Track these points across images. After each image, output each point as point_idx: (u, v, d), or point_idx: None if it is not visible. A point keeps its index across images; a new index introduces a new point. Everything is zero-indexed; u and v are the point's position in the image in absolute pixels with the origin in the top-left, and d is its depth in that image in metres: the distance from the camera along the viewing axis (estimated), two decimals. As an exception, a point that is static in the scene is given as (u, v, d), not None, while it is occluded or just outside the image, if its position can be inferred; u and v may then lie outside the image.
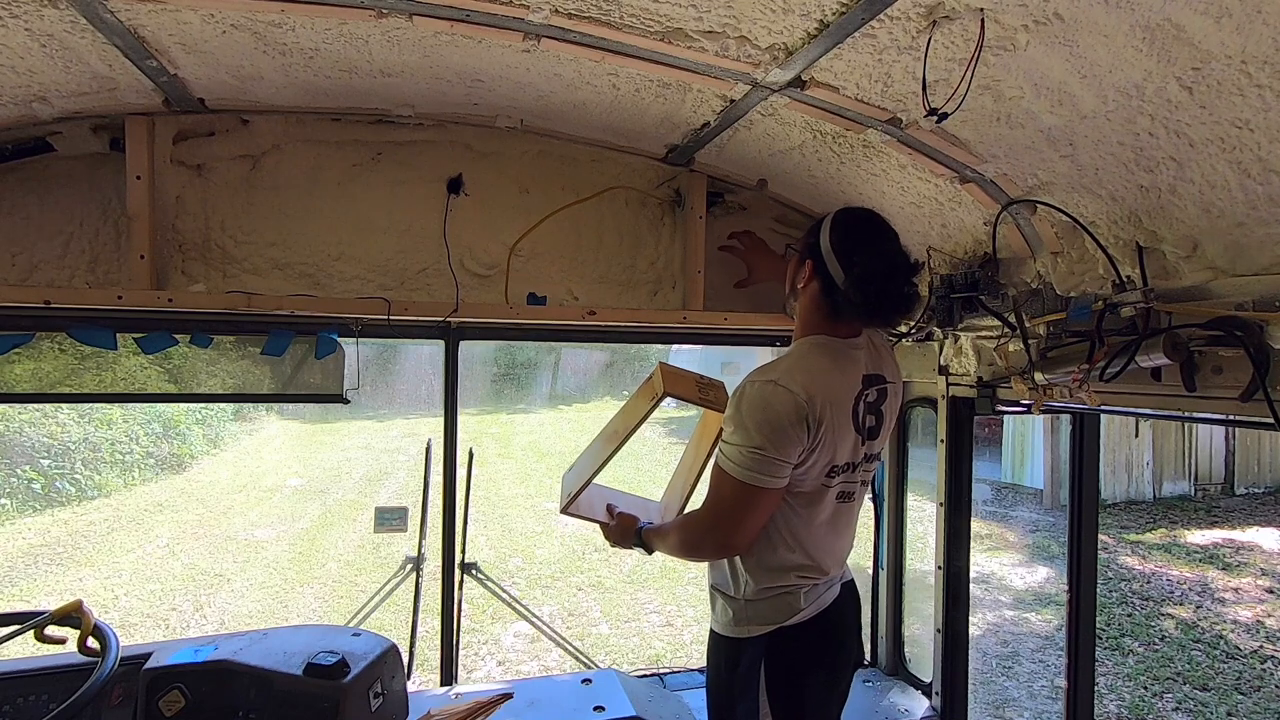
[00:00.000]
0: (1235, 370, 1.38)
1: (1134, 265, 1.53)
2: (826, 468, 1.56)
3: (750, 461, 1.47)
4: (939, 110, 1.40)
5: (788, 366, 1.55)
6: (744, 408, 1.50)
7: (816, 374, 1.54)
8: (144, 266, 1.92)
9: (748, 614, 1.65)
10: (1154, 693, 5.15)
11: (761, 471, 1.48)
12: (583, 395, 22.38)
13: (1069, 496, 2.30)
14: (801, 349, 1.62)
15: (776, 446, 1.47)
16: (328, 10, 1.44)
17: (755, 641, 1.64)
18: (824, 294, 1.60)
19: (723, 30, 1.40)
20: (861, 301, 1.52)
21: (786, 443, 1.48)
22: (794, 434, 1.48)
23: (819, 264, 1.59)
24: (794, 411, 1.47)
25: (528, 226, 2.28)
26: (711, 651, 1.76)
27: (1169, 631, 6.14)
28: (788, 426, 1.47)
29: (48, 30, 1.45)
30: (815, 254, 1.61)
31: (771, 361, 1.62)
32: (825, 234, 1.59)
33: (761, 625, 1.64)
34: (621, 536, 1.86)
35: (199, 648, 1.85)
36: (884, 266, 1.52)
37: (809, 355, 1.60)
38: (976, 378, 2.14)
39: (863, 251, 1.54)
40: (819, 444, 1.51)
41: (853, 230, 1.59)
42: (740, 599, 1.65)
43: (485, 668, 5.51)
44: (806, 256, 1.64)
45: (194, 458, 12.22)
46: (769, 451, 1.47)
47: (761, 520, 1.55)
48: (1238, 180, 1.26)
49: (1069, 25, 1.18)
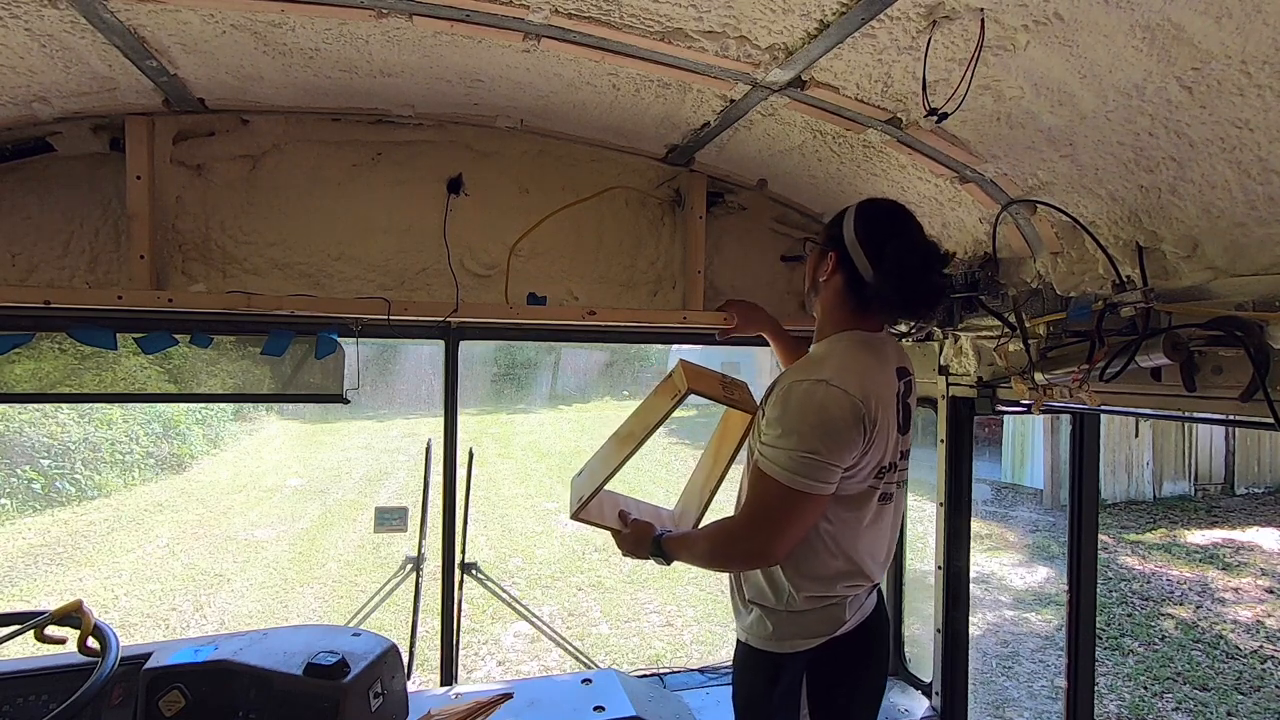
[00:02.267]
0: (1235, 370, 1.38)
1: (1134, 265, 1.53)
2: (875, 470, 1.50)
3: (801, 466, 1.39)
4: (939, 110, 1.40)
5: (837, 365, 1.47)
6: (794, 409, 1.42)
7: (865, 372, 1.47)
8: (144, 266, 1.92)
9: (792, 627, 1.56)
10: (1154, 693, 5.15)
11: (812, 477, 1.39)
12: (583, 395, 22.38)
13: (1069, 496, 2.30)
14: (842, 345, 1.54)
15: (831, 451, 1.39)
16: (328, 10, 1.44)
17: (798, 656, 1.56)
18: (849, 288, 1.55)
19: (723, 30, 1.40)
20: (895, 295, 1.48)
21: (842, 447, 1.40)
22: (850, 437, 1.40)
23: (843, 256, 1.54)
24: (850, 413, 1.39)
25: (528, 226, 2.28)
26: (745, 667, 1.65)
27: (1169, 631, 6.14)
28: (844, 429, 1.39)
29: (48, 30, 1.45)
30: (838, 246, 1.55)
31: (813, 359, 1.55)
32: (849, 226, 1.54)
33: (807, 639, 1.56)
34: (636, 545, 1.73)
35: (199, 648, 1.85)
36: (917, 258, 1.47)
37: (853, 352, 1.52)
38: (976, 378, 2.14)
39: (893, 243, 1.49)
40: (872, 445, 1.45)
41: (879, 221, 1.54)
42: (783, 611, 1.56)
43: (485, 668, 5.50)
44: (829, 249, 1.58)
45: (194, 458, 12.22)
46: (823, 456, 1.39)
47: (805, 529, 1.46)
48: (1238, 180, 1.26)
49: (1069, 25, 1.18)
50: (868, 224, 1.53)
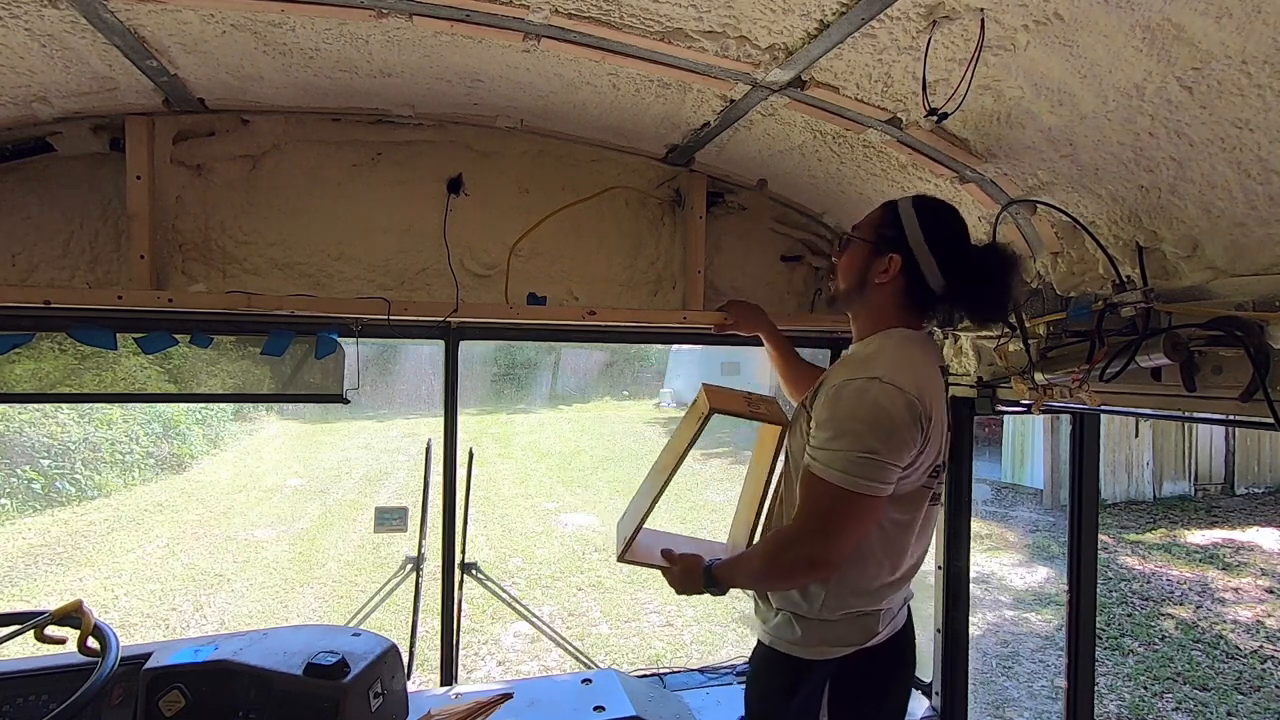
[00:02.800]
0: (1235, 370, 1.38)
1: (1134, 265, 1.53)
2: (930, 469, 1.46)
3: (857, 466, 1.32)
4: (939, 110, 1.40)
5: (888, 362, 1.41)
6: (846, 407, 1.36)
7: (917, 368, 1.42)
8: (144, 266, 1.92)
9: (822, 634, 1.51)
10: (1154, 693, 5.15)
11: (870, 477, 1.33)
12: (583, 395, 22.40)
13: (1069, 496, 2.30)
14: (891, 342, 1.48)
15: (890, 450, 1.34)
16: (328, 10, 1.44)
17: (824, 665, 1.51)
18: (910, 291, 1.50)
19: (723, 30, 1.40)
20: (973, 302, 1.47)
21: (900, 445, 1.35)
22: (908, 435, 1.35)
23: (908, 260, 1.48)
24: (907, 410, 1.35)
25: (528, 226, 2.28)
26: (764, 670, 1.60)
27: (1169, 631, 6.14)
28: (901, 427, 1.34)
29: (48, 30, 1.45)
30: (900, 248, 1.48)
31: (861, 357, 1.49)
32: (913, 227, 1.48)
33: (835, 647, 1.51)
34: (686, 580, 1.61)
35: (199, 648, 1.85)
36: (1000, 263, 1.46)
37: (903, 349, 1.46)
38: (976, 378, 2.14)
39: (968, 248, 1.49)
40: (929, 443, 1.41)
41: (948, 224, 1.50)
42: (815, 619, 1.50)
43: (485, 668, 5.50)
44: (886, 250, 1.50)
45: (194, 458, 12.23)
46: (881, 455, 1.33)
47: (864, 534, 1.40)
48: (1238, 180, 1.26)
49: (1069, 25, 1.18)
50: (936, 226, 1.49)
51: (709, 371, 21.01)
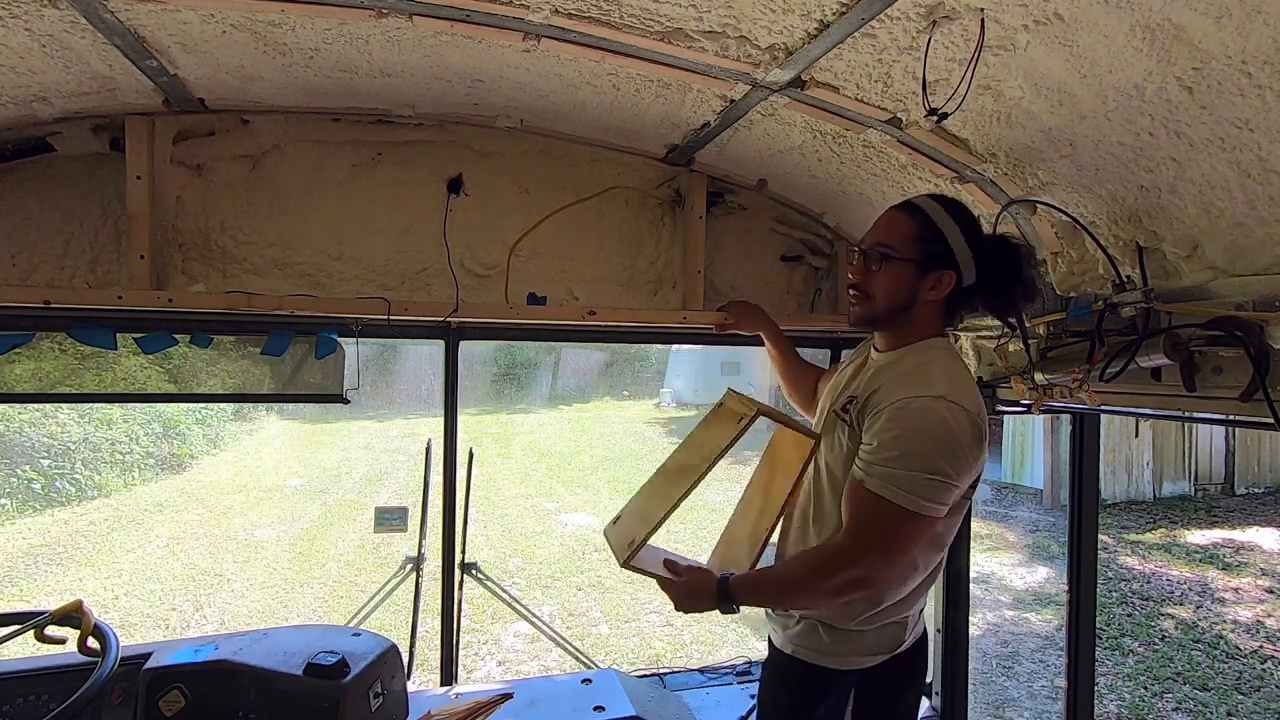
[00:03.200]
0: (1235, 370, 1.38)
1: (1134, 265, 1.53)
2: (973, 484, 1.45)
3: (922, 488, 1.29)
4: (939, 110, 1.40)
5: (946, 379, 1.38)
6: (911, 426, 1.33)
7: (970, 384, 1.41)
8: (144, 266, 1.92)
9: (853, 644, 1.49)
10: (1154, 693, 5.15)
11: (934, 499, 1.30)
12: (583, 395, 22.39)
13: (1069, 496, 2.30)
14: (940, 355, 1.46)
15: (958, 472, 1.32)
16: (328, 10, 1.44)
17: (850, 674, 1.50)
18: (952, 298, 1.48)
19: (723, 30, 1.40)
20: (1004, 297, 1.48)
21: (967, 468, 1.34)
22: (974, 455, 1.35)
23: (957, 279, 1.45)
24: (972, 431, 1.33)
25: (528, 226, 2.28)
26: (785, 681, 1.57)
27: (1169, 631, 6.14)
28: (968, 447, 1.33)
29: (48, 30, 1.45)
30: (950, 262, 1.44)
31: (915, 373, 1.43)
32: (955, 235, 1.44)
33: (864, 656, 1.49)
34: (695, 595, 1.48)
35: (199, 648, 1.85)
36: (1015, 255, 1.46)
37: (953, 363, 1.45)
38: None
39: (995, 244, 1.48)
40: (982, 466, 1.40)
41: (974, 223, 1.48)
42: (846, 629, 1.48)
43: (485, 668, 5.50)
44: (939, 266, 1.45)
45: (194, 458, 12.23)
46: (948, 477, 1.31)
47: (914, 555, 1.39)
48: (1238, 180, 1.26)
49: (1069, 25, 1.18)
50: (970, 230, 1.46)
51: (709, 371, 20.99)
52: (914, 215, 1.48)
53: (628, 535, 1.58)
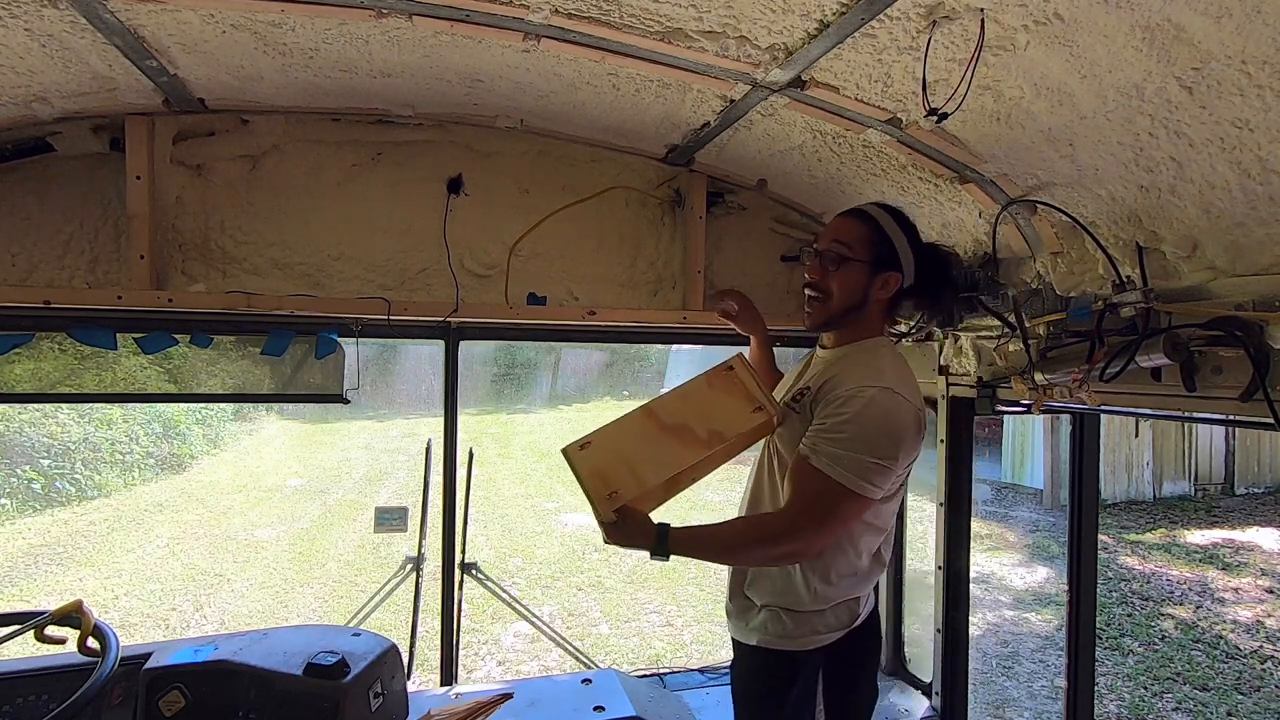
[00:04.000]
0: (1235, 370, 1.38)
1: (1134, 265, 1.53)
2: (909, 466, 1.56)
3: (867, 470, 1.40)
4: (939, 110, 1.40)
5: (894, 374, 1.50)
6: (864, 413, 1.42)
7: (913, 380, 1.55)
8: (144, 266, 1.92)
9: (812, 623, 1.57)
10: (1154, 693, 5.15)
11: (874, 482, 1.41)
12: (583, 395, 22.38)
13: (1069, 496, 2.30)
14: (889, 351, 1.59)
15: (898, 458, 1.44)
16: (328, 10, 1.44)
17: (815, 654, 1.58)
18: (897, 301, 1.61)
19: (723, 30, 1.40)
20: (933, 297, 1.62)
21: (907, 454, 1.46)
22: (914, 444, 1.47)
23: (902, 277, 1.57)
24: (915, 422, 1.46)
25: (528, 226, 2.28)
26: (755, 672, 1.62)
27: (1169, 631, 6.14)
28: (910, 437, 1.45)
29: (48, 30, 1.45)
30: (895, 264, 1.56)
31: (869, 365, 1.52)
32: (900, 240, 1.56)
33: (825, 634, 1.58)
34: (631, 533, 1.46)
35: (199, 648, 1.85)
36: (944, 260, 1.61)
37: (899, 360, 1.57)
38: (976, 378, 2.14)
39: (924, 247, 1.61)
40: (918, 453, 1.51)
41: (915, 230, 1.61)
42: (804, 611, 1.57)
43: (485, 668, 5.50)
44: (887, 268, 1.56)
45: (194, 458, 12.21)
46: (889, 463, 1.42)
47: (845, 531, 1.49)
48: (1238, 180, 1.26)
49: (1069, 25, 1.18)
50: (913, 235, 1.60)
51: (709, 371, 20.93)
52: (864, 221, 1.60)
53: (609, 482, 1.46)
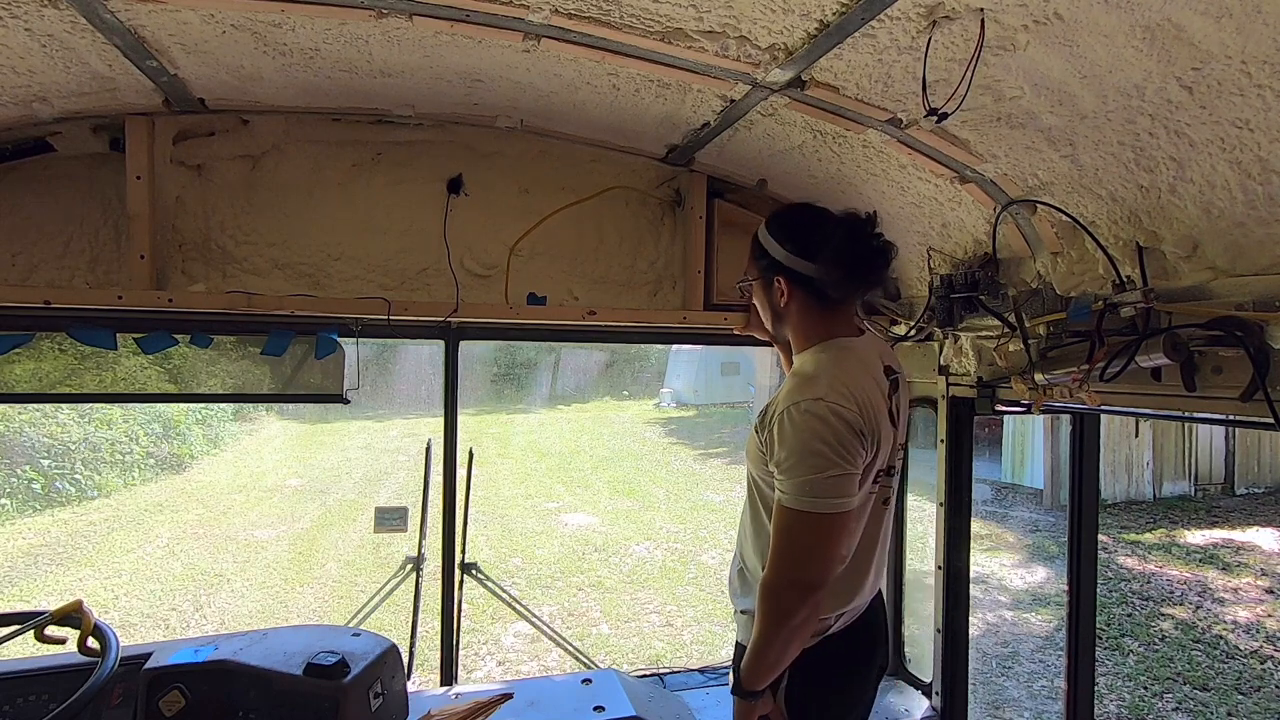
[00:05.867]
0: (1235, 370, 1.38)
1: (1134, 265, 1.53)
2: (874, 476, 1.51)
3: (821, 487, 1.37)
4: (939, 110, 1.40)
5: (829, 380, 1.45)
6: (796, 433, 1.40)
7: (855, 381, 1.47)
8: (144, 266, 1.92)
9: None
10: (1154, 693, 5.15)
11: (835, 494, 1.38)
12: (582, 395, 22.39)
13: (1069, 496, 2.30)
14: (828, 357, 1.53)
15: (850, 459, 1.39)
16: (328, 10, 1.44)
17: None
18: (809, 296, 1.57)
19: (723, 30, 1.40)
20: (845, 275, 1.51)
21: (857, 452, 1.41)
22: (855, 440, 1.40)
23: (790, 274, 1.57)
24: (851, 423, 1.40)
25: (528, 226, 2.28)
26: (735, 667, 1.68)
27: (1168, 632, 6.14)
28: (849, 439, 1.39)
29: (48, 30, 1.45)
30: (777, 269, 1.58)
31: (802, 378, 1.51)
32: (775, 246, 1.59)
33: None
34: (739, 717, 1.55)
35: (199, 648, 1.85)
36: (845, 231, 1.52)
37: (840, 363, 1.51)
38: (976, 378, 2.14)
39: (818, 232, 1.56)
40: (877, 454, 1.46)
41: (795, 224, 1.61)
42: None
43: (485, 668, 5.50)
44: (772, 276, 1.60)
45: (194, 458, 12.22)
46: (845, 467, 1.38)
47: (846, 548, 1.43)
48: (1238, 180, 1.26)
49: (1069, 25, 1.18)
50: (788, 231, 1.59)
51: (709, 372, 20.99)
52: (751, 240, 1.66)
53: None
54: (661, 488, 11.31)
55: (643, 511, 10.09)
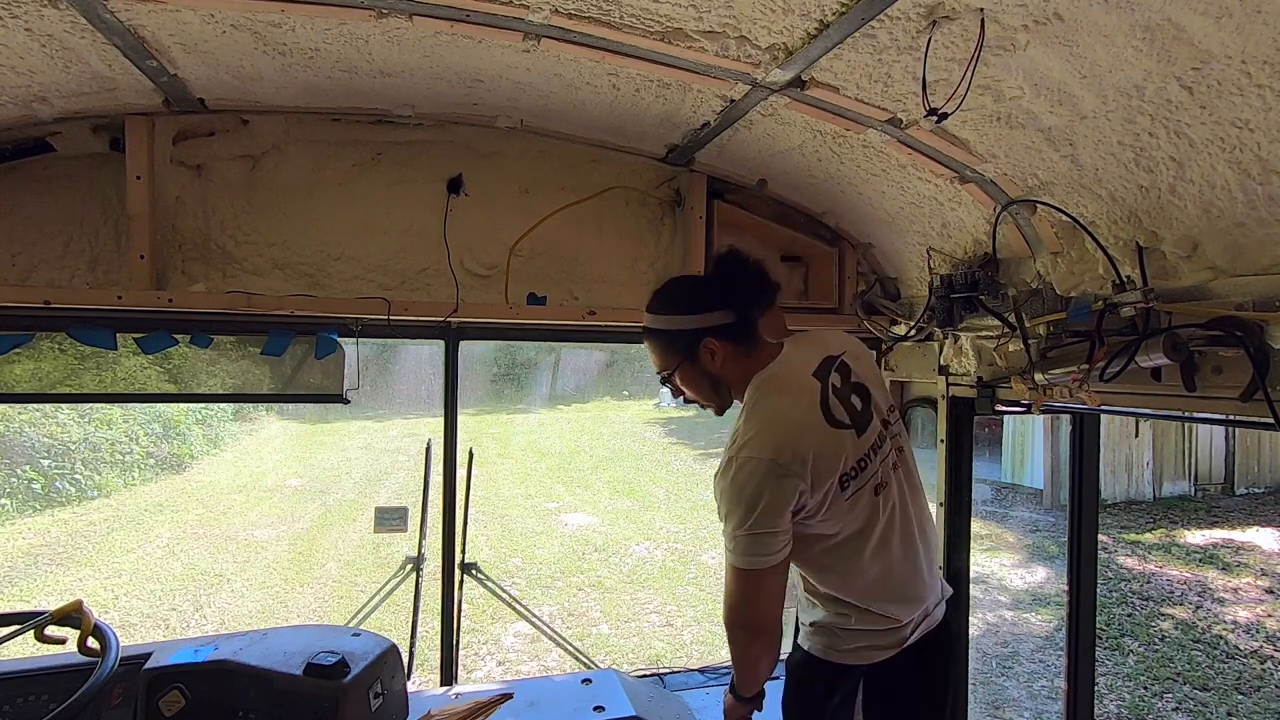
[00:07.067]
0: (1235, 370, 1.38)
1: (1134, 265, 1.53)
2: (839, 484, 1.54)
3: (745, 545, 1.47)
4: (939, 110, 1.40)
5: (753, 425, 1.54)
6: (724, 489, 1.50)
7: (774, 419, 1.54)
8: (144, 266, 1.92)
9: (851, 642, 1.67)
10: (1154, 693, 5.15)
11: (758, 553, 1.47)
12: (582, 395, 22.37)
13: (1069, 496, 2.30)
14: (753, 399, 1.61)
15: (765, 521, 1.46)
16: (328, 10, 1.44)
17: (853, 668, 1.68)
18: (730, 342, 1.63)
19: (723, 30, 1.40)
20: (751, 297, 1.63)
21: (773, 511, 1.46)
22: (778, 498, 1.46)
23: (712, 332, 1.62)
24: (769, 476, 1.46)
25: (528, 226, 2.28)
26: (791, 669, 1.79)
27: (1168, 632, 6.14)
28: (768, 495, 1.45)
29: (48, 30, 1.45)
30: (699, 337, 1.63)
31: (736, 432, 1.59)
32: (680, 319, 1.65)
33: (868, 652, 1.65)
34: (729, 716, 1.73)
35: (199, 648, 1.85)
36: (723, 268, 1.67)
37: (764, 401, 1.59)
38: (976, 378, 2.14)
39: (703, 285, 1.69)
40: (814, 478, 1.49)
41: (681, 292, 1.71)
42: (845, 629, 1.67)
43: (485, 668, 5.51)
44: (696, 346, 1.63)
45: (194, 458, 12.22)
46: (758, 528, 1.46)
47: (776, 594, 1.53)
48: (1238, 180, 1.26)
49: (1069, 25, 1.18)
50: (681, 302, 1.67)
51: (709, 371, 20.85)
52: (648, 338, 1.74)
53: None
54: (661, 488, 11.31)
55: (643, 511, 10.09)
